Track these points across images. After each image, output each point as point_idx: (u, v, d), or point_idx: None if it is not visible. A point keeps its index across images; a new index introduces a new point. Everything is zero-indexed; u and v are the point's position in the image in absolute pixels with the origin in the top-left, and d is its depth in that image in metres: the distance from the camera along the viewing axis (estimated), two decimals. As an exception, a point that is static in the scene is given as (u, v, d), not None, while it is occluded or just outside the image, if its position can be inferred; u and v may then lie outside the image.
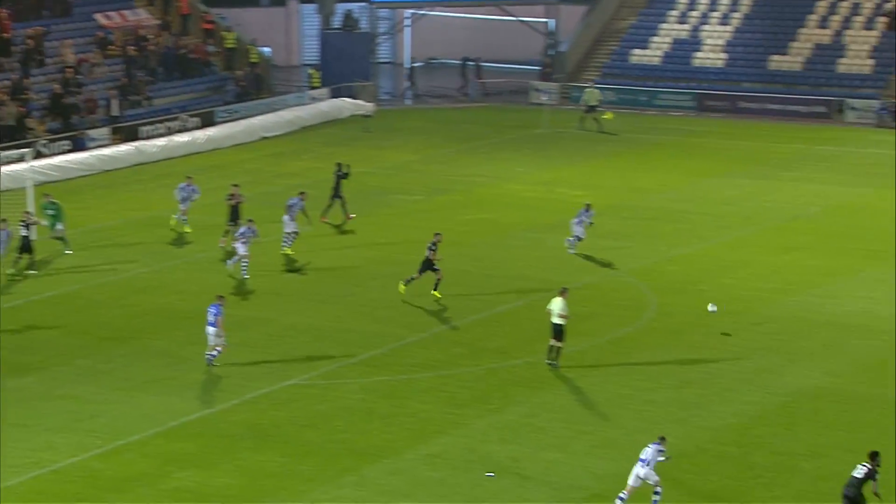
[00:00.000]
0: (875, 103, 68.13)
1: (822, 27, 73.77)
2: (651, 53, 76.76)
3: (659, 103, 73.43)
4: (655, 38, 77.28)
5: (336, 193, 47.73)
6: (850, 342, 35.37)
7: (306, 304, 39.24)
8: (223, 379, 33.16)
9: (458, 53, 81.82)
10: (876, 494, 25.16)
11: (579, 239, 43.72)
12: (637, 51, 77.07)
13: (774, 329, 36.58)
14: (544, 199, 52.46)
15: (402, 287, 39.11)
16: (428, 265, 38.87)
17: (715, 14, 76.84)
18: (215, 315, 33.33)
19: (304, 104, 70.52)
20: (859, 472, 25.27)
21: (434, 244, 38.93)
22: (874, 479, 25.12)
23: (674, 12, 77.90)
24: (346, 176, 47.92)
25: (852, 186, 53.80)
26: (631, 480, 25.98)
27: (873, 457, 25.47)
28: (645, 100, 73.73)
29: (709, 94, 72.82)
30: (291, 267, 42.37)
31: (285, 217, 43.63)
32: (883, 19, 72.35)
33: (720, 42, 75.57)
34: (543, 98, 72.57)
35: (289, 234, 43.58)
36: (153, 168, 57.96)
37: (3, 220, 41.71)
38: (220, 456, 28.63)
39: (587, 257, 43.54)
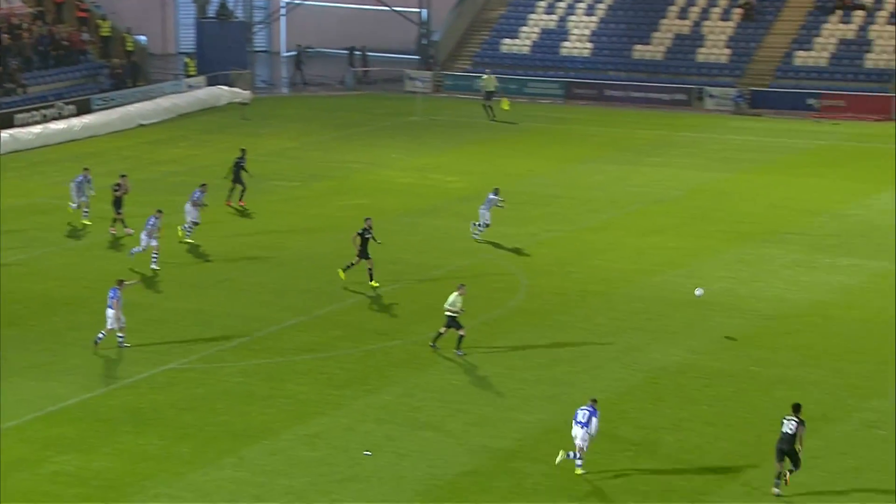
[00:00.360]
0: (732, 91, 69.19)
1: (682, 18, 74.72)
2: (521, 43, 77.11)
3: (529, 91, 73.82)
4: (525, 28, 77.64)
5: (237, 179, 47.50)
6: (712, 320, 35.85)
7: (186, 289, 38.70)
8: (103, 363, 32.56)
9: (334, 42, 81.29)
10: (799, 444, 25.73)
11: (487, 225, 43.43)
12: (507, 40, 77.38)
13: (640, 308, 36.93)
14: (419, 185, 52.39)
15: (341, 273, 38.52)
16: (364, 252, 38.20)
17: (581, 5, 77.40)
18: (112, 298, 32.99)
19: (180, 92, 69.58)
20: (790, 427, 25.77)
21: (367, 230, 38.28)
22: (802, 427, 25.70)
23: (542, 3, 78.30)
24: (242, 162, 47.78)
25: (712, 171, 54.55)
26: (578, 442, 26.40)
27: (797, 409, 26.14)
28: (515, 88, 73.95)
29: (576, 82, 73.35)
30: (179, 254, 41.70)
31: (187, 206, 43.04)
32: (738, 10, 73.50)
33: (586, 32, 76.16)
34: (418, 86, 72.44)
35: (191, 223, 42.98)
36: (29, 155, 56.77)
37: None
38: (99, 440, 28.10)
39: (462, 241, 43.54)
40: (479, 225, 43.51)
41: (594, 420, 26.51)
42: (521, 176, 53.81)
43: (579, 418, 26.65)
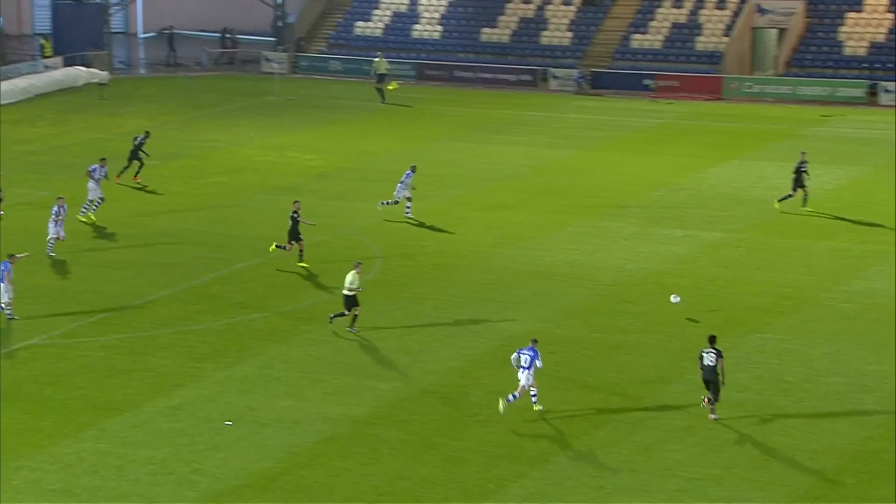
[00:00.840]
0: (574, 72, 69.84)
1: (526, 2, 75.10)
2: (374, 25, 76.85)
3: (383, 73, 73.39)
4: (377, 12, 77.35)
5: (134, 156, 47.08)
6: (558, 290, 36.18)
7: (46, 266, 37.80)
8: (-36, 341, 31.63)
9: (191, 24, 79.93)
10: (722, 374, 27.14)
11: (409, 199, 42.97)
12: (360, 23, 77.06)
13: (490, 280, 37.11)
14: (277, 163, 51.89)
15: (301, 264, 37.65)
16: (295, 233, 37.50)
17: (431, -11, 77.43)
18: (3, 271, 32.69)
19: (37, 72, 67.81)
20: (710, 359, 27.12)
21: (296, 212, 37.60)
22: (722, 358, 27.07)
23: (388, -12, 78.25)
24: (143, 142, 47.44)
25: (557, 148, 55.02)
26: (522, 382, 27.36)
27: (713, 340, 27.46)
28: (369, 69, 73.59)
29: (427, 63, 73.31)
30: (39, 232, 40.65)
31: (90, 184, 42.15)
32: (580, -4, 74.22)
33: (436, 15, 76.17)
34: (274, 67, 71.69)
35: (92, 200, 42.02)
36: None
37: None
38: (-38, 416, 27.29)
39: (319, 217, 43.23)
40: (390, 203, 43.02)
41: (537, 362, 27.40)
42: (377, 154, 53.64)
43: (522, 363, 27.46)
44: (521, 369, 27.53)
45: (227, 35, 78.52)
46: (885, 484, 24.36)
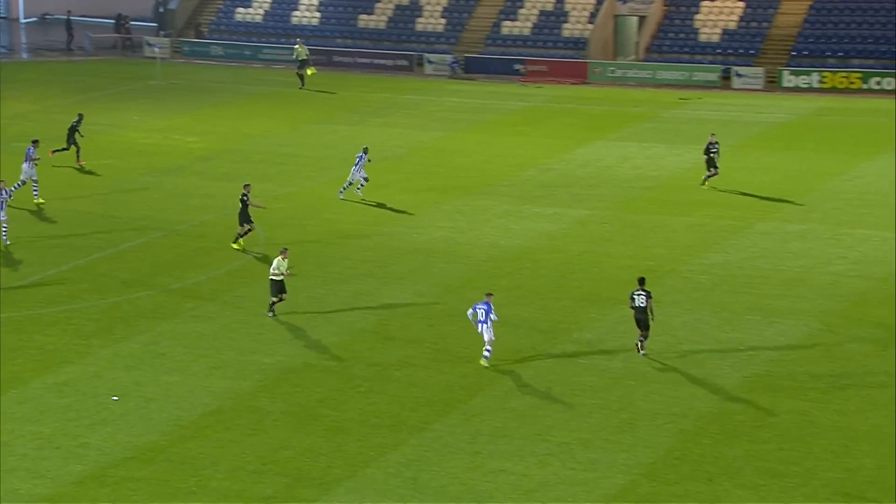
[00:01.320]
0: (448, 57, 69.93)
1: (403, -10, 75.00)
2: (254, 12, 76.15)
3: (263, 57, 73.04)
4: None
5: (70, 140, 46.34)
6: (435, 266, 36.26)
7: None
8: None
9: (74, 10, 78.15)
10: (651, 312, 28.90)
11: (366, 179, 42.41)
12: (241, 9, 76.32)
13: (370, 257, 37.04)
14: (160, 146, 51.11)
15: (233, 245, 37.00)
16: (245, 216, 36.77)
17: (309, -23, 76.88)
18: None
19: (-82, 56, 65.79)
20: (640, 300, 28.84)
21: (245, 195, 36.84)
22: (650, 298, 28.86)
23: (270, -26, 77.47)
24: (78, 125, 46.74)
25: (432, 130, 55.07)
26: (486, 336, 28.49)
27: (642, 282, 29.22)
28: (250, 54, 73.08)
29: (307, 48, 72.67)
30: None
31: (24, 165, 41.42)
32: (454, -16, 74.27)
33: (315, 2, 75.70)
34: (156, 52, 70.54)
35: (30, 181, 41.36)
36: None
37: None
38: None
39: (202, 198, 42.73)
40: (347, 186, 42.40)
41: (492, 315, 28.35)
42: (258, 136, 53.16)
43: (480, 318, 28.44)
44: (479, 324, 28.48)
45: (122, 21, 76.86)
46: (738, 444, 24.92)
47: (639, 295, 28.94)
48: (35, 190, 41.52)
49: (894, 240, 37.48)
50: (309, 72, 64.02)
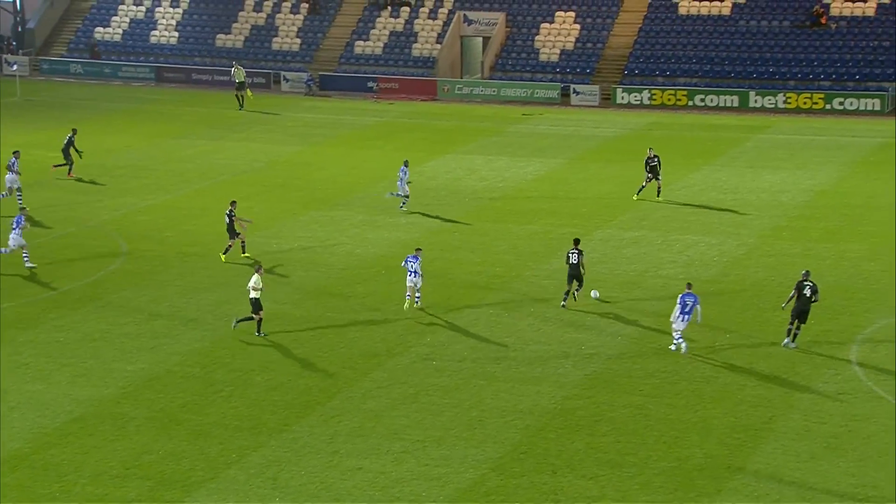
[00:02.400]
0: (303, 75, 69.60)
1: (258, 11, 74.44)
2: (112, 31, 74.77)
3: (122, 75, 71.81)
4: (116, 18, 75.27)
5: (66, 154, 47.09)
6: (294, 274, 36.00)
7: None
8: None
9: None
10: (582, 267, 32.41)
11: (406, 196, 42.05)
12: (100, 28, 74.84)
13: (230, 267, 36.58)
14: (23, 161, 49.65)
15: (222, 257, 36.75)
16: (231, 230, 36.56)
17: (167, -2, 75.95)
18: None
19: None
20: (574, 258, 32.39)
21: (231, 212, 36.62)
22: (582, 255, 32.42)
23: (131, -4, 76.33)
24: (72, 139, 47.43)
25: (290, 145, 54.70)
26: (409, 284, 32.09)
27: (577, 242, 32.96)
28: (109, 72, 71.72)
29: (166, 67, 71.79)
30: None
31: (9, 176, 41.66)
32: (306, 5, 73.95)
33: (173, 22, 74.67)
34: (15, 70, 68.66)
35: (13, 190, 41.61)
36: None
37: None
38: None
39: (66, 210, 41.71)
40: (397, 195, 42.24)
41: (418, 267, 31.84)
42: (119, 151, 52.15)
43: (410, 268, 31.84)
44: (411, 273, 31.96)
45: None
46: (579, 437, 25.31)
47: (573, 253, 32.56)
48: (6, 195, 42.08)
49: (718, 244, 38.54)
50: (248, 94, 62.40)
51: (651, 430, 25.59)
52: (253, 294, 30.66)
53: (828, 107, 61.87)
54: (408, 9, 72.48)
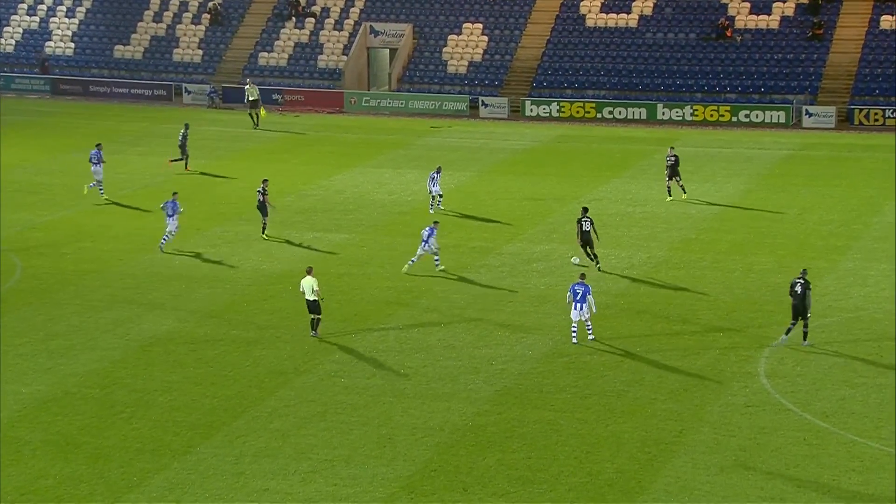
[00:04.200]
0: (206, 87, 69.08)
1: (157, 21, 73.73)
2: (5, 42, 73.62)
3: (16, 87, 70.69)
4: (7, 29, 74.14)
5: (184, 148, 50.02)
6: (198, 291, 35.67)
7: None
8: None
9: None
10: (595, 234, 36.80)
11: (440, 195, 44.13)
12: (-8, 39, 73.67)
13: (131, 284, 36.14)
14: None
15: (263, 236, 40.08)
16: (263, 208, 40.06)
17: (61, 7, 74.80)
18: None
19: None
20: (587, 225, 36.67)
21: (263, 189, 40.28)
22: (593, 224, 36.89)
23: (23, 5, 75.12)
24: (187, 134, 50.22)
25: (192, 159, 53.93)
26: (419, 252, 36.18)
27: (585, 210, 36.99)
28: (2, 84, 70.53)
29: (61, 79, 70.76)
30: None
31: (94, 167, 44.64)
32: (207, 15, 73.42)
33: (69, 33, 73.65)
34: None
35: (96, 182, 44.54)
36: None
37: None
38: None
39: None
40: (434, 197, 44.13)
41: (433, 238, 36.08)
42: (14, 165, 51.25)
43: (424, 237, 36.26)
44: (423, 242, 36.21)
45: None
46: (491, 453, 25.40)
47: (585, 221, 36.81)
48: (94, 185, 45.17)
49: (627, 257, 38.99)
50: (262, 113, 60.96)
51: (562, 445, 25.78)
52: (312, 297, 31.28)
53: (734, 119, 63.02)
54: (313, 20, 72.32)
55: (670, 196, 46.13)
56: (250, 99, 61.72)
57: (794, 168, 52.63)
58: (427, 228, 36.88)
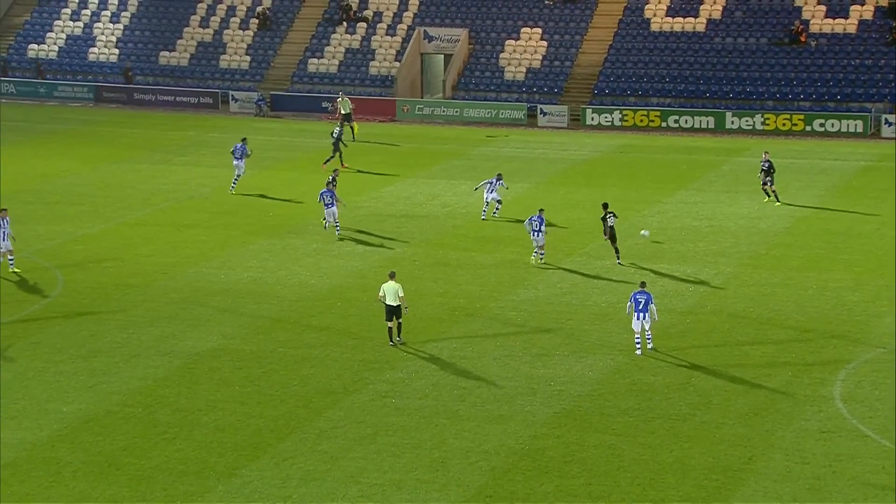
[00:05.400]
0: (254, 95, 69.63)
1: (204, 27, 74.47)
2: (48, 48, 74.54)
3: (59, 95, 71.60)
4: (51, 35, 75.04)
5: (336, 147, 53.16)
6: (244, 307, 35.88)
7: None
8: None
9: None
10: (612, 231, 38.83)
11: (500, 202, 45.25)
12: (34, 46, 74.55)
13: (175, 299, 36.44)
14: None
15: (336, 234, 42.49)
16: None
17: (105, 13, 75.70)
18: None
19: None
20: (611, 221, 38.92)
21: (334, 179, 43.82)
22: (616, 217, 39.19)
23: (66, 10, 76.04)
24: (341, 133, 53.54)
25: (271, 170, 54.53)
26: (537, 243, 38.91)
27: (606, 206, 39.30)
28: (44, 91, 71.44)
29: (105, 86, 71.59)
30: None
31: (236, 161, 47.88)
32: (256, 20, 74.03)
33: (113, 39, 74.51)
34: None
35: (236, 176, 48.24)
36: None
37: None
38: None
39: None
40: (489, 204, 45.37)
41: (543, 228, 40.12)
42: (55, 176, 51.87)
43: (534, 227, 38.99)
44: (533, 232, 38.95)
45: None
46: (549, 479, 25.30)
47: (610, 216, 38.73)
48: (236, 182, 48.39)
49: (693, 273, 38.75)
50: (356, 127, 60.35)
51: (624, 471, 25.62)
52: (395, 302, 32.03)
53: (808, 128, 62.53)
54: (364, 24, 72.69)
55: (767, 198, 47.54)
56: (343, 112, 61.14)
57: (872, 180, 52.07)
58: (534, 219, 39.06)
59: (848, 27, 66.42)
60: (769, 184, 47.33)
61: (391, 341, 32.47)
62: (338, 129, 54.08)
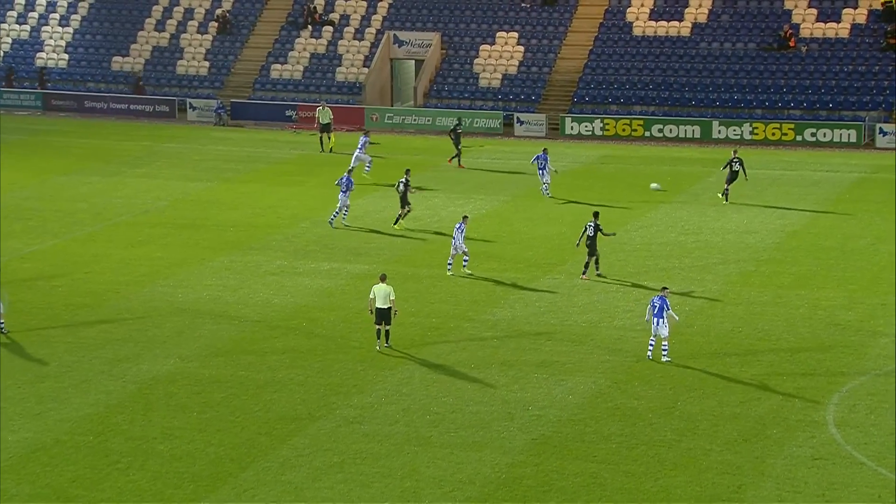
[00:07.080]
0: (213, 103, 69.61)
1: (160, 30, 74.41)
2: (-5, 53, 74.46)
3: (4, 103, 71.41)
4: (-2, 38, 74.97)
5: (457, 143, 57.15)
6: (202, 328, 35.82)
7: None
8: None
9: None
10: (605, 234, 39.56)
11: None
12: (-20, 50, 74.40)
13: (128, 319, 36.36)
14: None
15: (395, 227, 45.28)
16: (404, 199, 45.13)
17: (54, 16, 75.53)
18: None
19: None
20: (591, 231, 39.03)
21: (406, 180, 45.42)
22: (602, 232, 39.28)
23: (12, 13, 75.92)
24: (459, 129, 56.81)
25: (197, 181, 54.59)
26: (452, 251, 39.89)
27: (596, 216, 39.52)
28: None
29: (54, 93, 71.44)
30: None
31: (357, 152, 51.67)
32: (215, 24, 74.04)
33: (62, 43, 74.37)
34: None
35: (352, 169, 50.08)
36: None
37: None
38: None
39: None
40: (546, 186, 49.88)
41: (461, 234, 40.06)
42: (0, 189, 51.62)
43: (455, 234, 39.80)
44: (454, 239, 39.58)
45: None
46: (530, 509, 25.36)
47: (590, 226, 39.01)
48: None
49: (678, 291, 38.93)
50: (332, 139, 60.82)
51: (607, 500, 25.69)
52: (385, 304, 33.15)
53: (798, 138, 63.00)
54: (331, 28, 72.82)
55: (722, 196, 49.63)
56: (322, 122, 61.47)
57: (866, 193, 52.45)
58: (457, 224, 39.86)
59: (840, 32, 66.97)
60: (730, 182, 49.38)
61: (377, 347, 33.31)
62: (455, 124, 58.17)
